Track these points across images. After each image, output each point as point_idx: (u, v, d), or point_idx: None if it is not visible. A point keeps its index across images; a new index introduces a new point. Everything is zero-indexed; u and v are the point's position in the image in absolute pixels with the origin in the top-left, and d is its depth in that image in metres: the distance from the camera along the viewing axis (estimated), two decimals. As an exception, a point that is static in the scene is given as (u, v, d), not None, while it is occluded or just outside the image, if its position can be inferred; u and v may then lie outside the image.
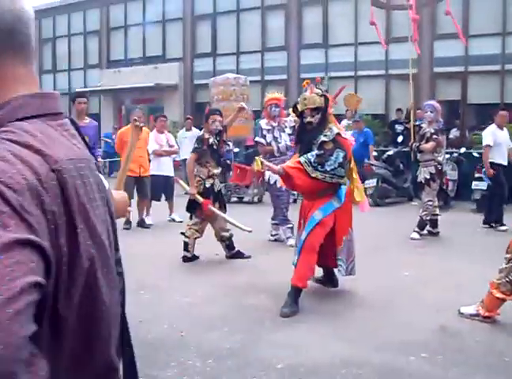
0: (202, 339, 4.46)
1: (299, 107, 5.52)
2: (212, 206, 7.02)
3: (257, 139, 8.48)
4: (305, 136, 5.52)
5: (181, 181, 7.80)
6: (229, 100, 12.14)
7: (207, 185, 7.10)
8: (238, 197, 13.37)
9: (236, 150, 15.30)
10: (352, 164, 5.62)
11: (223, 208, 7.25)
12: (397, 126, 14.91)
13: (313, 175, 5.19)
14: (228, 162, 14.35)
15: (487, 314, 4.85)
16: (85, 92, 9.51)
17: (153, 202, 10.24)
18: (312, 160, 5.19)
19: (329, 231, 5.37)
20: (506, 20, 14.93)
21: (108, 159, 17.64)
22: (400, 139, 13.88)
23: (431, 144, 8.58)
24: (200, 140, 7.17)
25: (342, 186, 5.41)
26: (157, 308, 5.30)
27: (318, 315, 5.03)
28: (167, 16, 22.03)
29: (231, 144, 14.78)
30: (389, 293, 5.68)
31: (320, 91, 5.47)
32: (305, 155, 5.26)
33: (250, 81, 15.64)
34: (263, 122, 8.44)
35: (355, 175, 5.65)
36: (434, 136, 8.61)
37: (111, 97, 23.64)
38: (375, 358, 4.03)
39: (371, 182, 12.39)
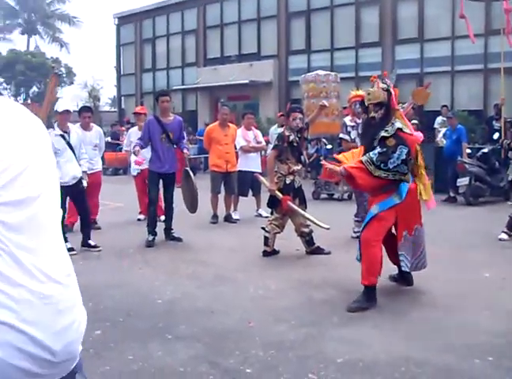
0: (269, 330, 4.59)
1: (366, 102, 5.52)
2: (291, 202, 7.12)
3: (341, 135, 8.51)
4: (368, 132, 5.52)
5: (261, 178, 7.95)
6: (319, 97, 12.17)
7: (287, 182, 7.21)
8: (328, 194, 13.38)
9: (329, 146, 15.30)
10: (420, 160, 5.53)
11: (303, 204, 7.33)
12: (494, 123, 14.40)
13: (375, 174, 5.17)
14: (321, 158, 14.42)
15: None
16: (168, 91, 9.73)
17: (241, 197, 10.49)
18: (374, 159, 5.16)
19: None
20: None
21: (203, 155, 18.10)
22: (496, 136, 13.37)
23: (523, 142, 8.28)
24: (280, 137, 7.29)
25: (404, 183, 5.34)
26: (231, 299, 5.47)
27: (385, 312, 5.03)
28: (262, 13, 22.32)
29: (324, 140, 14.86)
30: (462, 293, 5.57)
31: (385, 86, 5.42)
32: (367, 154, 5.25)
33: (344, 78, 15.59)
34: (347, 119, 8.46)
35: (423, 171, 5.56)
36: (527, 134, 8.29)
37: (207, 94, 24.27)
38: (437, 358, 3.99)
39: (464, 181, 12.06)
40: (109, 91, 48.23)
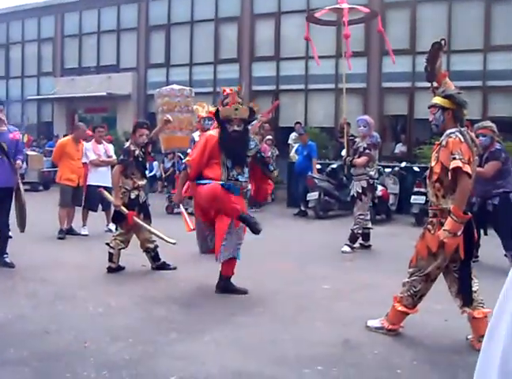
0: (104, 350, 4.46)
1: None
2: (136, 217, 7.03)
3: (189, 151, 8.54)
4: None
5: (106, 193, 7.79)
6: (173, 111, 12.14)
7: (132, 197, 7.11)
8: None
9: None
10: None
11: (148, 219, 7.26)
12: (342, 140, 15.08)
13: None
14: (177, 173, 14.35)
15: (390, 327, 4.95)
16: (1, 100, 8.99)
17: (90, 212, 10.22)
18: None
19: None
20: (452, 39, 15.24)
21: (53, 169, 17.41)
22: (343, 152, 14.02)
23: (362, 159, 8.76)
24: (126, 151, 7.18)
25: None
26: (68, 319, 5.25)
27: (223, 326, 5.07)
28: (122, 25, 22.03)
29: (180, 155, 14.81)
30: (300, 305, 5.76)
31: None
32: None
33: (202, 93, 15.67)
34: (196, 134, 8.52)
35: None
36: (367, 151, 8.78)
37: (64, 105, 23.47)
38: (268, 370, 4.08)
39: (313, 195, 12.55)
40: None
